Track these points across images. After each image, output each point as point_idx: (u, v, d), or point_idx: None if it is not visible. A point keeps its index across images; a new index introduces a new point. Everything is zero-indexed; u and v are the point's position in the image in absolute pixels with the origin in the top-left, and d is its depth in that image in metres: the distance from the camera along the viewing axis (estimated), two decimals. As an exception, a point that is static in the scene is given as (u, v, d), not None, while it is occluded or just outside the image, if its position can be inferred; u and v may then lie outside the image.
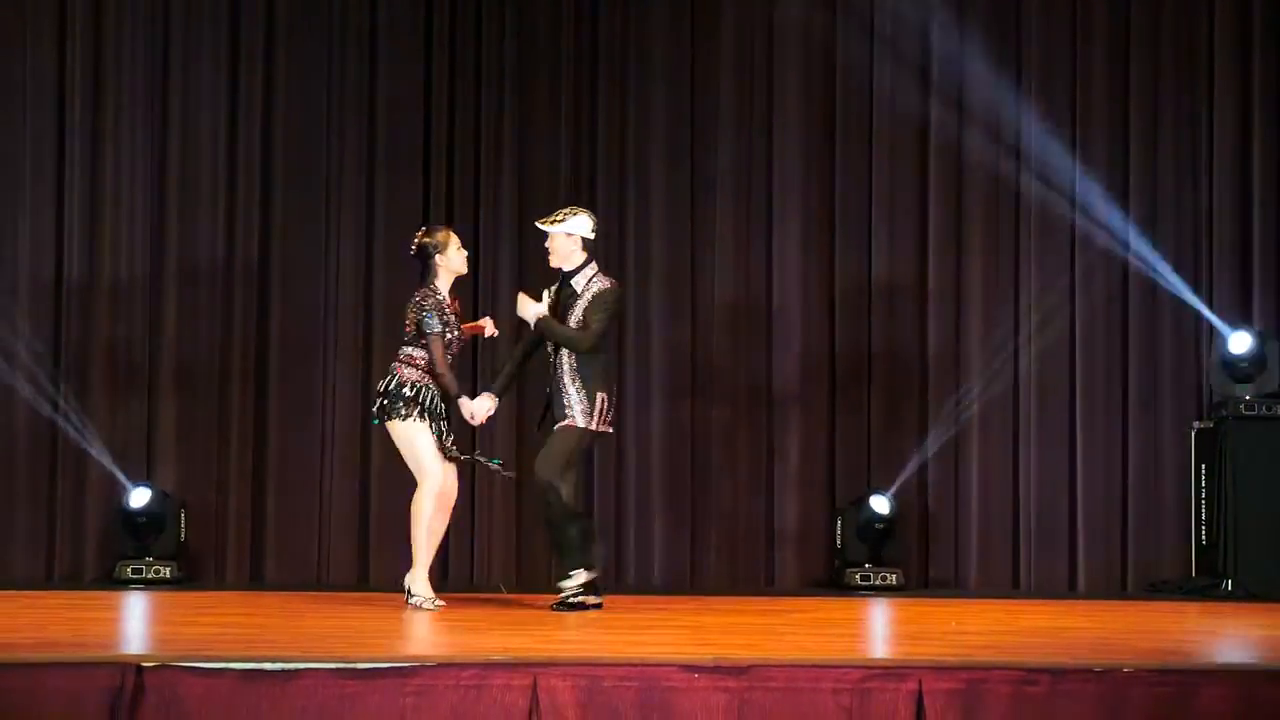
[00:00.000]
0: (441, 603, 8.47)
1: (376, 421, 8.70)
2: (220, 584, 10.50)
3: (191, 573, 10.50)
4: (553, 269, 8.61)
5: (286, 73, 10.89)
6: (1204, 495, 10.56)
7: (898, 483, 10.82)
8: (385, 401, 8.54)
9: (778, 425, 10.95)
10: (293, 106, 10.89)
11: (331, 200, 10.87)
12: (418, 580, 8.52)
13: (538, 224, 8.68)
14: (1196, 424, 10.75)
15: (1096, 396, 10.99)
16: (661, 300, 10.99)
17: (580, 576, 8.43)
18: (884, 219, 11.04)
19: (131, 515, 10.33)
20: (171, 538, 10.38)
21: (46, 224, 10.68)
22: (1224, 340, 10.61)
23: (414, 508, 8.53)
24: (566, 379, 8.46)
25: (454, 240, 8.64)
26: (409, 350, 8.57)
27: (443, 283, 8.59)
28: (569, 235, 8.57)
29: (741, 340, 10.99)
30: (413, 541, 8.54)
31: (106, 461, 10.53)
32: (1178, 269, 10.98)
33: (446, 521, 8.69)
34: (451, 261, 8.61)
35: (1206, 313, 10.86)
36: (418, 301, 8.55)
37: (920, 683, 5.83)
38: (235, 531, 10.71)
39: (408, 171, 10.93)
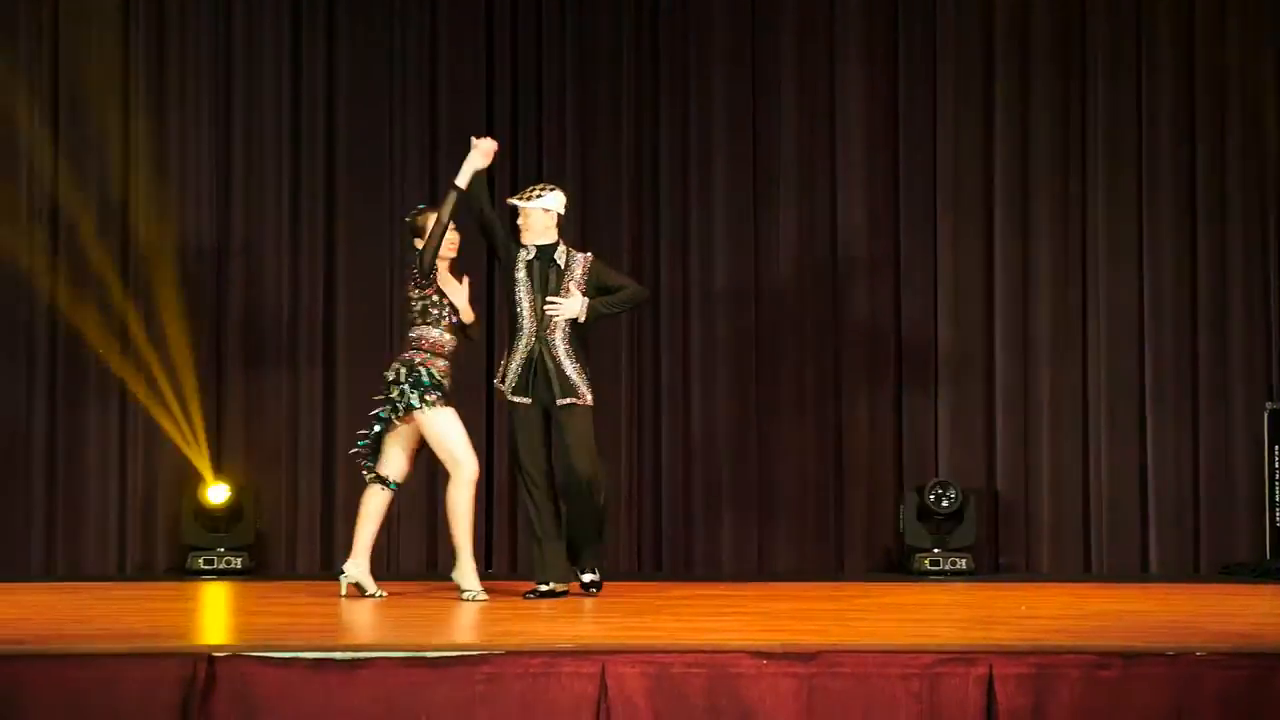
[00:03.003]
0: (485, 596, 8.20)
1: (385, 418, 8.39)
2: (291, 573, 10.55)
3: (262, 562, 10.56)
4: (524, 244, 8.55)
5: (349, 54, 10.90)
6: (1277, 476, 10.46)
7: (966, 467, 10.77)
8: (403, 393, 8.30)
9: (845, 410, 10.91)
10: (355, 89, 10.90)
11: (395, 187, 10.88)
12: (466, 575, 8.28)
13: (515, 201, 8.57)
14: (1269, 404, 10.65)
15: (1167, 377, 10.90)
16: (726, 286, 10.96)
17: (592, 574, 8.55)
18: (949, 207, 10.97)
19: (204, 506, 10.39)
20: (244, 528, 10.43)
21: (113, 213, 10.72)
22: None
23: (451, 502, 8.31)
24: (563, 357, 8.43)
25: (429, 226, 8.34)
26: (417, 333, 8.37)
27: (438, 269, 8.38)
28: (546, 211, 8.56)
29: (807, 325, 10.95)
30: (455, 537, 8.30)
31: (176, 451, 10.60)
32: (1246, 250, 10.91)
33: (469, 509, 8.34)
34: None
35: None
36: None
37: (991, 667, 5.81)
38: (305, 520, 10.76)
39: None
